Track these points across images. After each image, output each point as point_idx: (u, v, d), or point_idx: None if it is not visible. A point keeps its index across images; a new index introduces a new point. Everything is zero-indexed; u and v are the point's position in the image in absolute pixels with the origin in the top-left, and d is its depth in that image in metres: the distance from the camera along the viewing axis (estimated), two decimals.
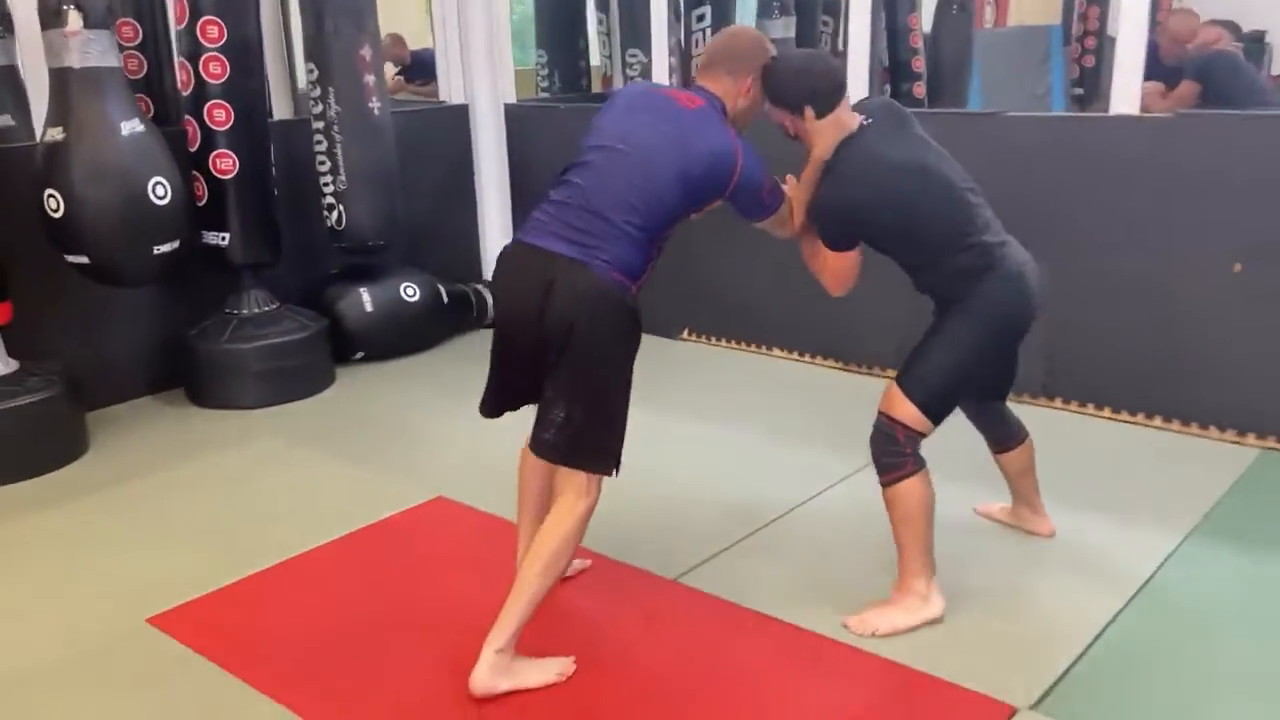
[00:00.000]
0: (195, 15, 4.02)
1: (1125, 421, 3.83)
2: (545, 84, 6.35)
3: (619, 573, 2.87)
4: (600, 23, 6.62)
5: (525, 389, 2.45)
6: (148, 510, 3.43)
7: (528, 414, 2.50)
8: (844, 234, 2.48)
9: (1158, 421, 3.76)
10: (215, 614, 2.77)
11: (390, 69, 6.60)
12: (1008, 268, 2.49)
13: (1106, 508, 3.13)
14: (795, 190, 2.59)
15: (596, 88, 6.63)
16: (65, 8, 3.54)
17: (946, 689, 2.33)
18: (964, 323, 2.49)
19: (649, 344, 2.48)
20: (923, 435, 2.51)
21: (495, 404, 2.56)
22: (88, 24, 3.57)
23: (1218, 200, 3.53)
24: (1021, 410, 2.97)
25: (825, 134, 2.46)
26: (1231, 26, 5.95)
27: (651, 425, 2.62)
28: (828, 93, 2.47)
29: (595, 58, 6.71)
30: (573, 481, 2.36)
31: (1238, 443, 3.59)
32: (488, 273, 5.68)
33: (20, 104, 4.23)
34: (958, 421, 2.72)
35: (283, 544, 3.10)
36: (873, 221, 2.46)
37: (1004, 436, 2.86)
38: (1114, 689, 2.33)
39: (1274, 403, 3.53)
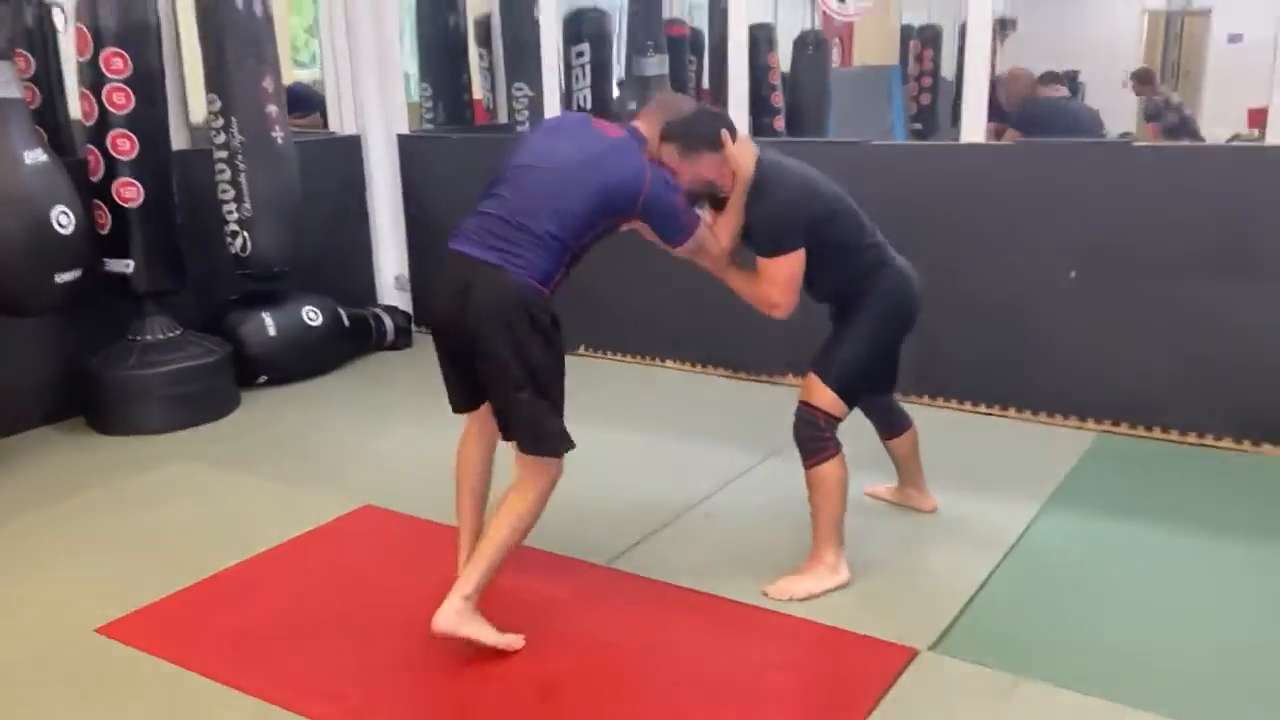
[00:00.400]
0: (99, 47, 4.06)
1: (982, 413, 4.30)
2: (430, 115, 6.53)
3: (553, 561, 3.10)
4: (481, 57, 6.87)
5: (473, 384, 2.68)
6: (71, 532, 3.45)
7: (447, 421, 2.74)
8: (795, 233, 2.71)
9: (1011, 411, 4.25)
10: (163, 621, 2.86)
11: None
12: (898, 265, 2.88)
13: (975, 486, 3.55)
14: (723, 220, 2.83)
15: (479, 120, 6.86)
16: None
17: (857, 640, 2.66)
18: (867, 315, 2.85)
19: None
20: (839, 419, 2.85)
21: (457, 400, 2.78)
22: None
23: (1055, 216, 4.04)
24: None
25: (744, 153, 2.75)
26: (1067, 76, 6.68)
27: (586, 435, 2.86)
28: (728, 119, 2.80)
29: (477, 90, 6.94)
30: (529, 460, 2.59)
31: (1079, 427, 4.10)
32: (383, 297, 5.82)
33: None
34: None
35: (215, 557, 3.19)
36: (809, 221, 2.74)
37: (892, 424, 3.24)
38: (1000, 628, 2.71)
39: (1106, 391, 4.05)
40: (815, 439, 2.82)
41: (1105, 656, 2.58)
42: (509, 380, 2.54)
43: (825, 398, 2.82)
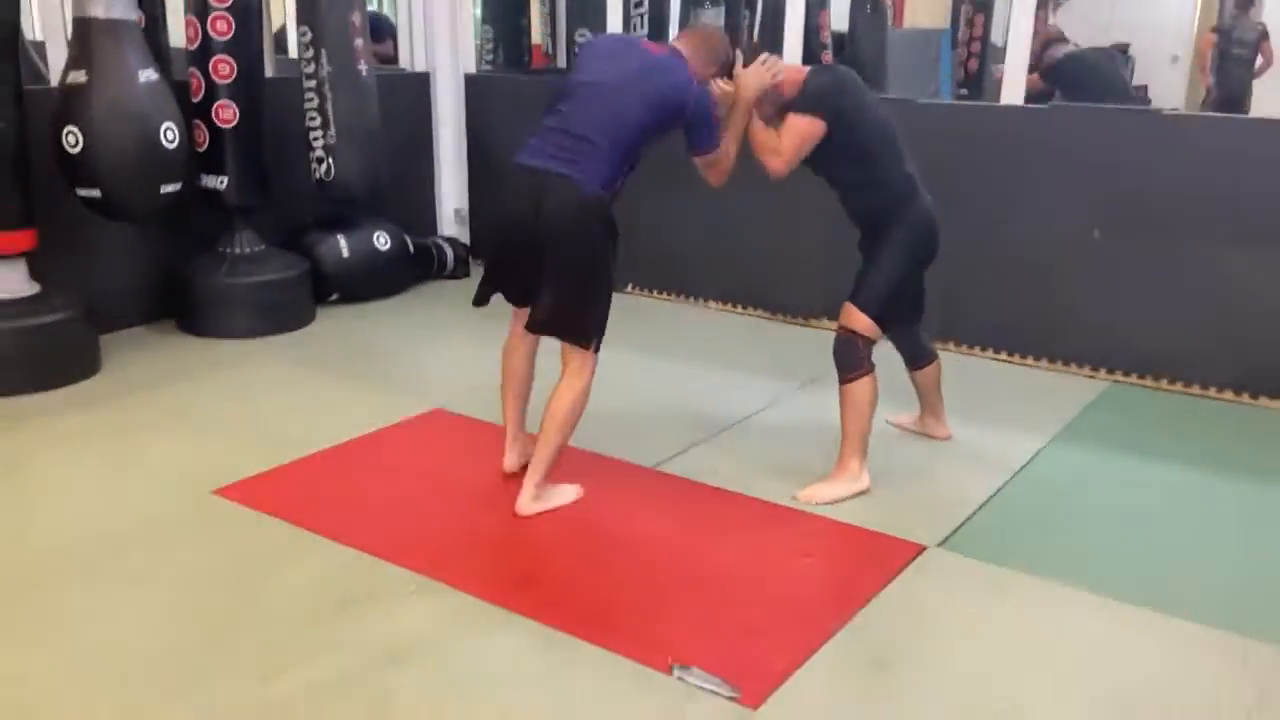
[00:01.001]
0: None
1: (1005, 361, 4.62)
2: (490, 58, 6.83)
3: (604, 463, 3.49)
4: (543, 3, 7.15)
5: (513, 283, 3.12)
6: (177, 413, 3.89)
7: (502, 341, 3.21)
8: (822, 102, 3.03)
9: (1030, 360, 4.57)
10: (269, 487, 3.27)
11: None
12: (924, 199, 3.23)
13: (992, 422, 3.88)
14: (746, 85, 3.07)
15: (536, 63, 7.16)
16: None
17: (874, 536, 3.03)
18: (897, 245, 3.19)
19: None
20: (874, 342, 3.21)
21: (483, 294, 3.20)
22: None
23: (1081, 178, 4.33)
24: None
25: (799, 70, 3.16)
26: (1118, 49, 6.84)
27: (613, 360, 3.25)
28: None
29: (536, 35, 7.23)
30: (573, 358, 3.01)
31: (1092, 376, 4.42)
32: (442, 229, 6.18)
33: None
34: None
35: (308, 441, 3.60)
36: (850, 113, 3.06)
37: (918, 356, 3.58)
38: (1001, 532, 3.07)
39: (1120, 344, 4.36)
40: (851, 359, 3.18)
41: (1093, 558, 2.93)
42: (567, 274, 2.94)
43: (861, 322, 3.18)
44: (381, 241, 5.34)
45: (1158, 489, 3.43)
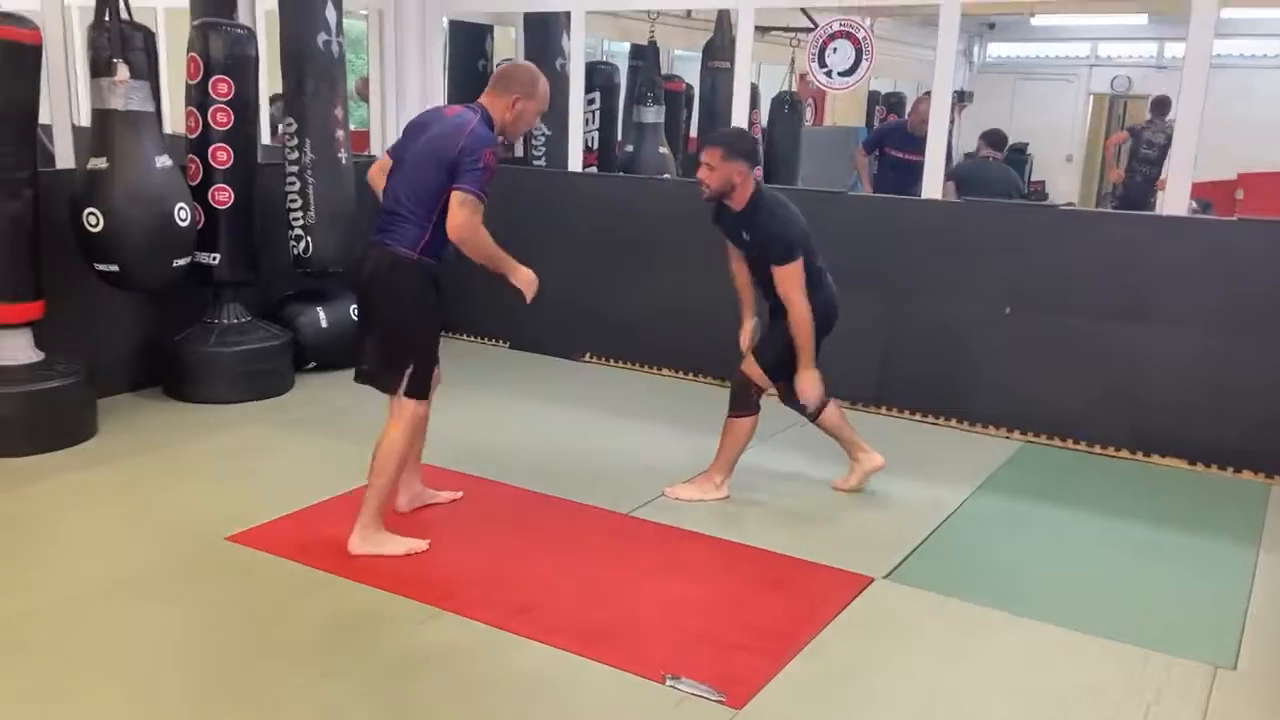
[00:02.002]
0: (208, 74, 4.81)
1: (929, 423, 5.14)
2: None
3: (585, 510, 3.88)
4: None
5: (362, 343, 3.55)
6: (178, 470, 4.16)
7: (474, 403, 3.53)
8: (799, 245, 3.73)
9: (953, 422, 5.10)
10: (278, 534, 3.57)
11: None
12: (826, 288, 3.89)
13: (923, 475, 4.36)
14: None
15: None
16: (116, 60, 4.30)
17: (828, 570, 3.47)
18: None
19: (556, 364, 3.57)
20: (763, 390, 3.90)
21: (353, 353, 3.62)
22: (133, 75, 4.34)
23: (993, 262, 4.93)
24: (857, 415, 4.21)
25: (750, 184, 3.77)
26: (994, 135, 7.59)
27: (581, 420, 3.72)
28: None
29: None
30: (394, 406, 3.42)
31: (1008, 437, 4.96)
32: None
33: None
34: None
35: (307, 493, 3.91)
36: (803, 236, 3.75)
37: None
38: (938, 566, 3.54)
39: (1030, 408, 4.92)
40: (743, 399, 3.91)
41: (1018, 587, 3.41)
42: (388, 332, 3.37)
43: (755, 372, 3.90)
44: (357, 313, 5.67)
45: (1067, 531, 3.94)
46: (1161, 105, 9.16)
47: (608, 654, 2.87)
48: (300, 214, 5.33)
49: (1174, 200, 4.66)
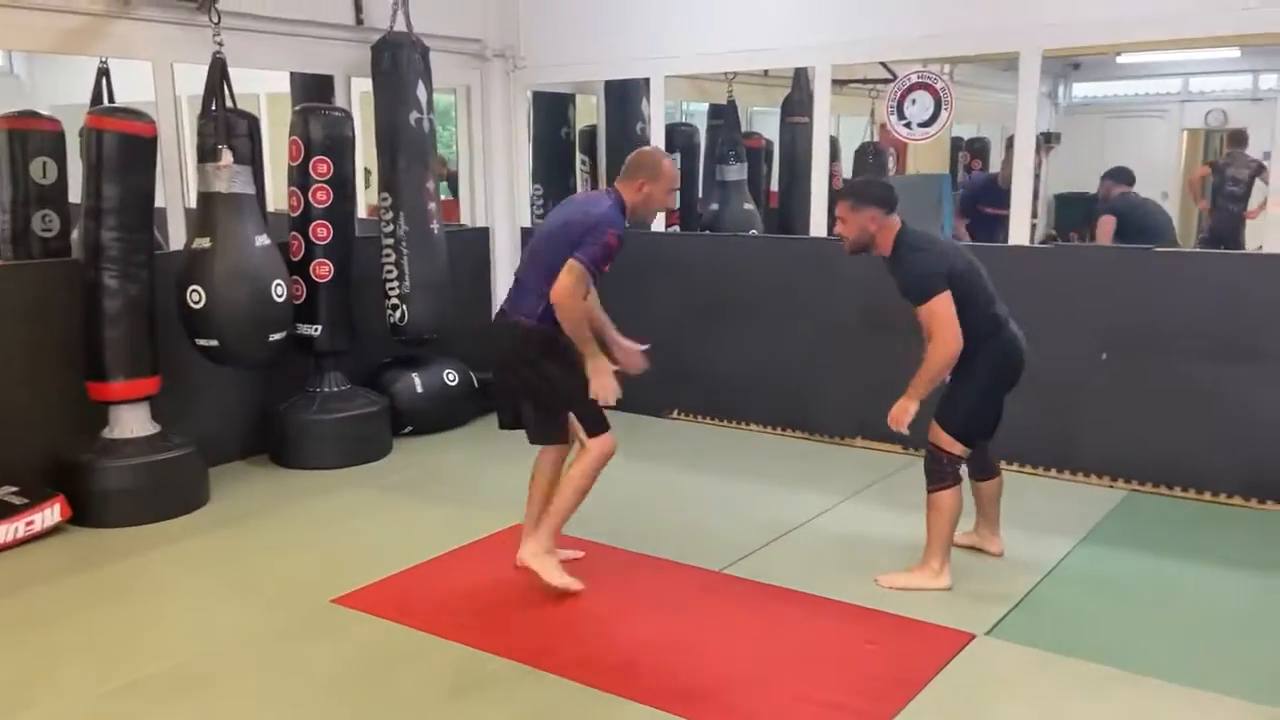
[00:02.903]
0: (309, 155, 5.07)
1: (1030, 474, 5.01)
2: (540, 211, 7.50)
3: (676, 568, 3.89)
4: (583, 163, 7.88)
5: (503, 408, 3.84)
6: (285, 535, 4.32)
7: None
8: (939, 279, 3.46)
9: (1053, 471, 4.97)
10: (380, 596, 3.67)
11: None
12: (1010, 333, 3.62)
13: (1025, 527, 4.22)
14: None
15: None
16: (220, 146, 4.57)
17: (927, 626, 3.40)
18: (980, 373, 3.58)
19: (644, 422, 3.62)
20: (959, 457, 3.61)
21: (503, 418, 3.89)
22: (236, 160, 4.60)
23: (1088, 307, 4.82)
24: None
25: (893, 223, 3.59)
26: (1123, 172, 7.30)
27: (667, 477, 3.76)
28: (893, 192, 3.68)
29: (579, 191, 7.93)
30: (584, 443, 3.59)
31: (1111, 486, 4.81)
32: None
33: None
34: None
35: (407, 555, 4.01)
36: (949, 270, 3.49)
37: (984, 469, 3.89)
38: (1041, 622, 3.44)
39: (1133, 456, 4.76)
40: (936, 471, 3.62)
41: (1125, 642, 3.29)
42: (531, 388, 3.62)
43: (943, 439, 3.61)
44: (450, 378, 5.86)
45: (1177, 582, 3.79)
46: (1239, 138, 8.88)
47: (707, 714, 2.87)
48: (396, 283, 5.54)
49: (1276, 236, 4.52)
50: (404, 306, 5.54)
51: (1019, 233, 5.05)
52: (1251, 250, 5.54)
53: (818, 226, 5.49)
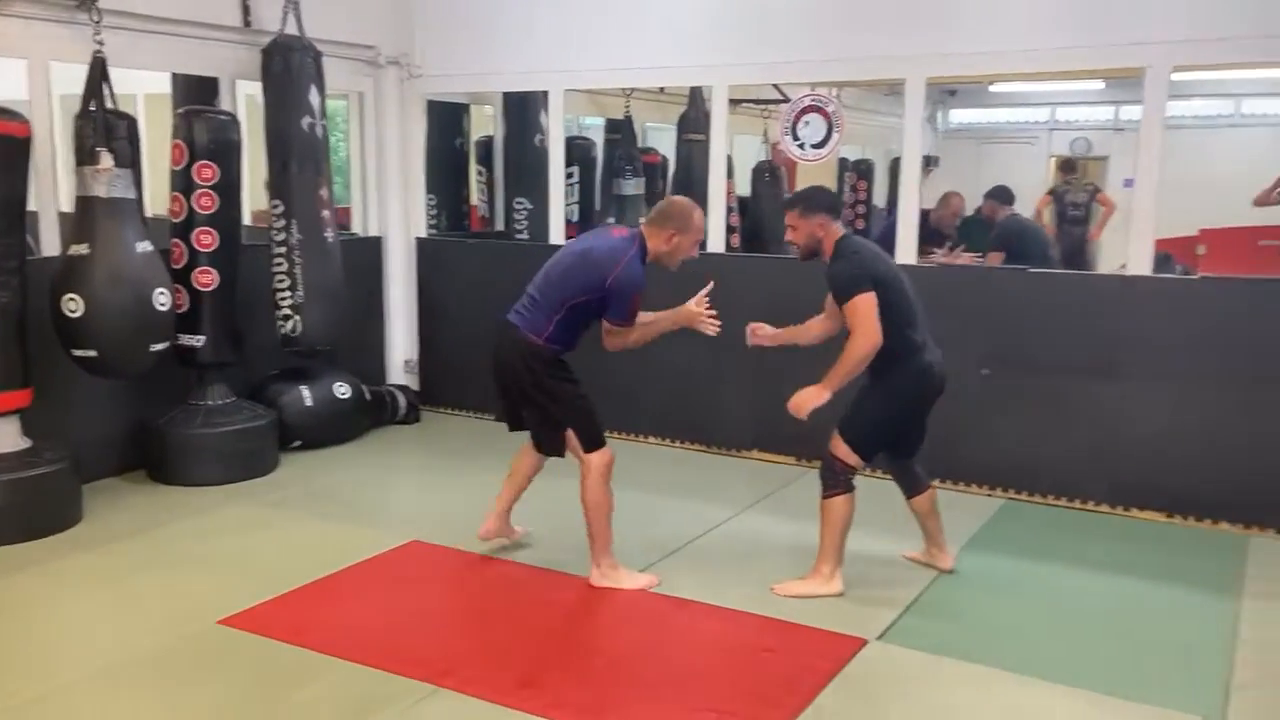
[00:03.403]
0: (193, 159, 4.90)
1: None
2: (434, 221, 7.41)
3: (576, 582, 3.88)
4: (480, 174, 7.83)
5: (502, 409, 3.98)
6: (166, 554, 4.14)
7: (462, 484, 3.88)
8: (864, 280, 3.53)
9: (936, 481, 5.12)
10: (269, 616, 3.56)
11: None
12: (924, 360, 3.70)
13: (911, 535, 4.35)
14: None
15: (475, 227, 7.77)
16: (99, 149, 4.38)
17: (821, 633, 3.49)
18: (884, 391, 3.70)
19: None
20: (853, 468, 3.69)
21: (508, 421, 3.99)
22: (117, 163, 4.42)
23: (970, 324, 5.03)
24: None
25: (836, 229, 3.71)
26: (1004, 191, 7.42)
27: (562, 491, 3.90)
28: (838, 202, 3.80)
29: (474, 201, 7.87)
30: (581, 461, 3.76)
31: (990, 494, 5.03)
32: (393, 378, 6.58)
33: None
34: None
35: (295, 575, 3.89)
36: (874, 276, 3.56)
37: (911, 486, 3.96)
38: (928, 626, 3.56)
39: (1010, 466, 5.00)
40: (830, 478, 3.71)
41: (1006, 643, 3.44)
42: (537, 406, 3.77)
43: (840, 448, 3.69)
44: (341, 391, 5.73)
45: (1051, 586, 3.99)
46: (1069, 165, 9.51)
47: None
48: (288, 293, 5.38)
49: (1138, 260, 4.80)
50: (297, 317, 5.39)
51: (905, 251, 5.23)
52: (1115, 271, 5.87)
53: (715, 242, 5.58)
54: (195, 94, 5.67)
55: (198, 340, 5.03)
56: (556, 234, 6.23)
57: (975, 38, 4.94)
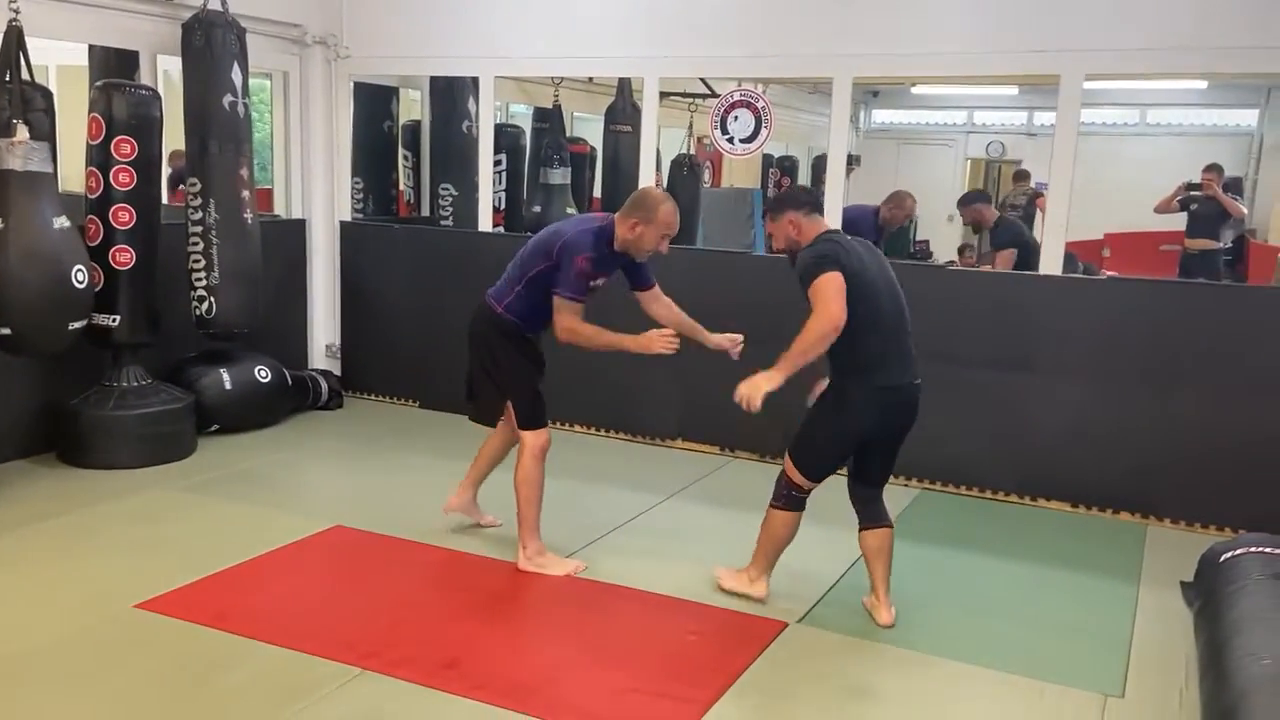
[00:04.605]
0: (110, 134, 4.76)
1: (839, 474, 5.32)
2: (360, 205, 7.30)
3: (504, 567, 3.90)
4: (406, 158, 7.74)
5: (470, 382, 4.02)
6: (80, 538, 4.03)
7: (386, 467, 3.68)
8: (829, 262, 3.24)
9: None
10: (187, 601, 3.50)
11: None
12: (881, 383, 3.41)
13: (831, 521, 4.43)
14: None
15: (401, 212, 7.68)
16: (15, 121, 4.23)
17: (743, 616, 3.57)
18: (833, 411, 3.45)
19: (466, 424, 4.11)
20: (802, 487, 3.50)
21: (466, 393, 4.08)
22: (33, 136, 4.27)
23: None
24: (762, 467, 4.33)
25: (813, 225, 3.44)
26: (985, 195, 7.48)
27: (493, 478, 4.03)
28: (814, 199, 3.58)
29: (401, 186, 7.78)
30: (520, 438, 3.83)
31: (906, 485, 5.19)
32: (316, 362, 6.49)
33: None
34: None
35: (214, 559, 3.83)
36: (841, 262, 3.26)
37: (867, 517, 3.62)
38: (847, 610, 3.67)
39: (926, 458, 5.13)
40: (778, 491, 3.56)
41: (920, 628, 3.57)
42: (482, 373, 3.87)
43: (788, 466, 3.53)
44: (262, 374, 5.62)
45: (963, 572, 4.15)
46: (1021, 174, 9.88)
47: (536, 707, 2.91)
48: (204, 274, 5.26)
49: (1050, 260, 5.00)
50: (212, 299, 5.27)
51: None
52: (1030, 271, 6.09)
53: None
54: (113, 67, 5.50)
55: (113, 320, 4.89)
56: (484, 221, 6.21)
57: (901, 39, 5.07)
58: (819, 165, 11.26)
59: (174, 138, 5.50)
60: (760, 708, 3.01)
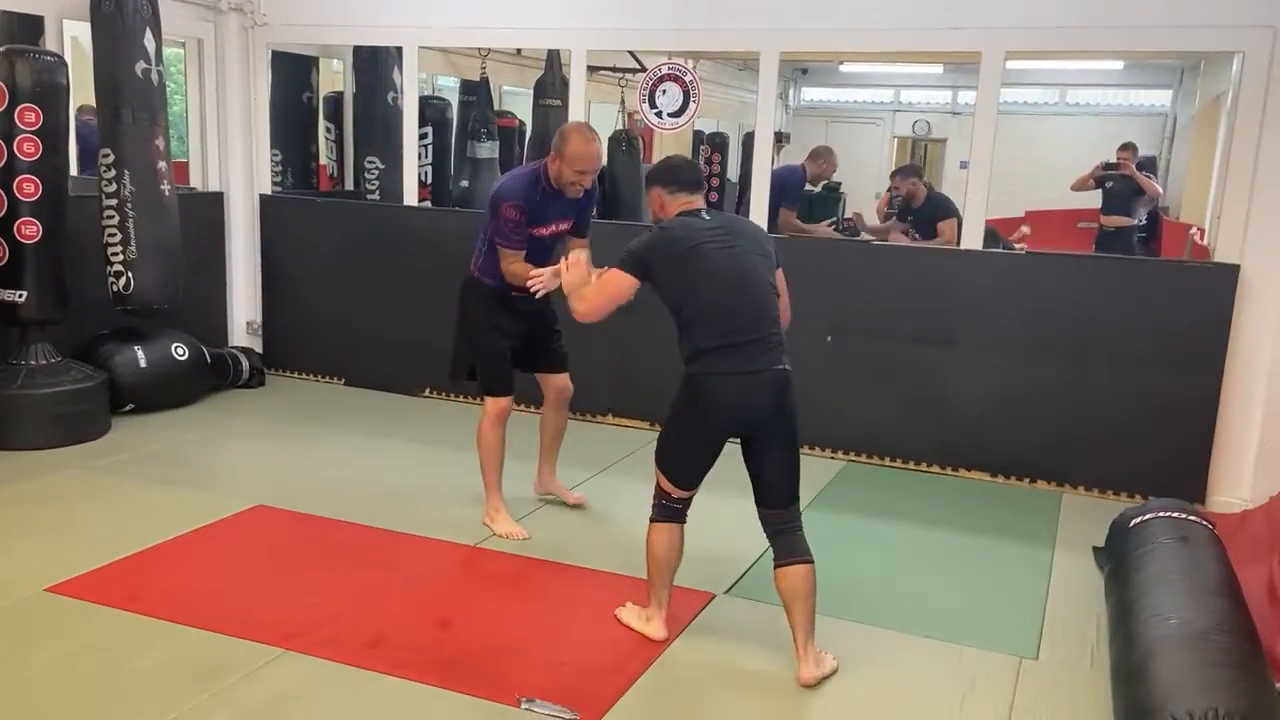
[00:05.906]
0: (14, 102, 4.56)
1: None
2: (279, 179, 7.12)
3: (429, 544, 3.87)
4: (329, 130, 7.57)
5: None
6: None
7: (310, 443, 3.47)
8: (636, 260, 3.06)
9: None
10: (101, 583, 3.41)
11: None
12: (724, 376, 3.04)
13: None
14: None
15: (322, 186, 7.52)
16: None
17: (674, 590, 3.55)
18: (673, 408, 3.16)
19: (395, 400, 4.12)
20: (671, 495, 3.15)
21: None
22: None
23: (817, 292, 5.22)
24: None
25: (673, 204, 3.18)
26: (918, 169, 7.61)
27: (416, 454, 3.87)
28: (686, 178, 3.23)
29: (322, 158, 7.61)
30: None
31: (831, 457, 5.26)
32: (236, 339, 6.33)
33: None
34: None
35: (130, 541, 3.73)
36: (654, 258, 3.07)
37: (779, 550, 3.13)
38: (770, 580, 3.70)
39: (850, 430, 5.24)
40: (653, 505, 3.21)
41: (845, 595, 3.62)
42: (457, 329, 4.06)
43: (658, 475, 3.19)
44: (179, 352, 5.47)
45: (887, 541, 4.23)
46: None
47: (461, 683, 2.89)
48: (120, 249, 5.09)
49: (971, 235, 5.10)
50: (129, 274, 5.10)
51: (758, 221, 5.38)
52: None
53: None
54: (16, 33, 5.27)
55: (19, 295, 4.71)
56: (410, 194, 6.10)
57: (828, 14, 5.09)
58: (748, 142, 11.30)
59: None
60: (686, 678, 3.04)
